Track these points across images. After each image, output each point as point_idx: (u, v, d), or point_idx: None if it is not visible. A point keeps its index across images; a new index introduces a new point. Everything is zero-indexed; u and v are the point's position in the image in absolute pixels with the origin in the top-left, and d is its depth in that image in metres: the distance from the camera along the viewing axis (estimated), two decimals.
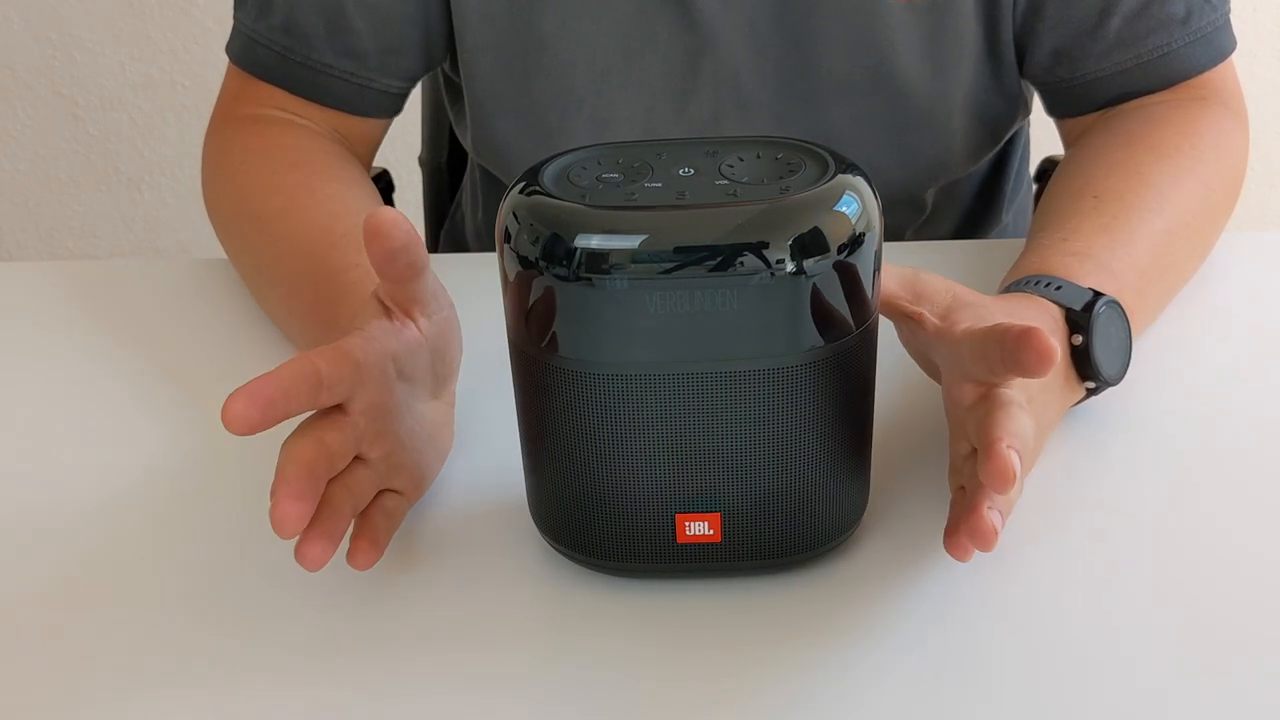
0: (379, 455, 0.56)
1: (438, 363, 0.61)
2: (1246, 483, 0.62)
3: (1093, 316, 0.62)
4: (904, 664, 0.52)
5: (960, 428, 0.57)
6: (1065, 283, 0.64)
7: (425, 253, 0.57)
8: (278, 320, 0.76)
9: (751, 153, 0.53)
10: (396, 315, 0.59)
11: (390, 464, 0.57)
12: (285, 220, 0.76)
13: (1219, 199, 0.78)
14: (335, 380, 0.53)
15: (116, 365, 0.75)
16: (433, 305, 0.60)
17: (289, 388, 0.51)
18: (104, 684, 0.53)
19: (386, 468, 0.57)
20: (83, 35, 1.90)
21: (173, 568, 0.60)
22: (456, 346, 0.63)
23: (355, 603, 0.57)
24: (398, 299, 0.59)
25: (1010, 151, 1.01)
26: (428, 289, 0.59)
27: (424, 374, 0.60)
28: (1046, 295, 0.64)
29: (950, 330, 0.57)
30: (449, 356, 0.62)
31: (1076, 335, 0.62)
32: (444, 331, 0.61)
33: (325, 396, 0.53)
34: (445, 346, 0.61)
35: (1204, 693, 0.51)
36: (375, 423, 0.56)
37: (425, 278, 0.58)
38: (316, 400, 0.53)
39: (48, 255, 2.07)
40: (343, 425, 0.54)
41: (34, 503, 0.64)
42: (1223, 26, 0.84)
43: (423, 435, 0.60)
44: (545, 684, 0.52)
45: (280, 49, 0.85)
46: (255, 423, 0.50)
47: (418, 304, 0.59)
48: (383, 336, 0.57)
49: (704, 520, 0.54)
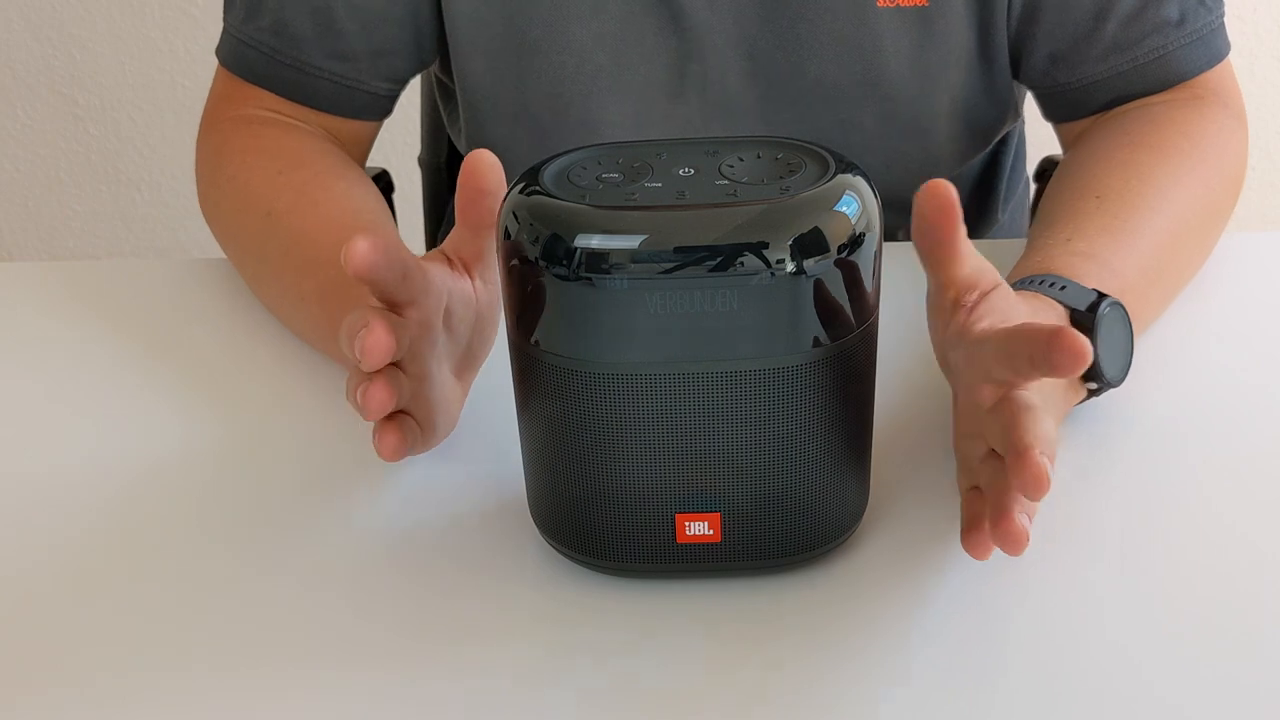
0: (413, 373, 0.58)
1: (476, 337, 0.63)
2: (1249, 483, 0.62)
3: (1097, 318, 0.62)
4: (904, 664, 0.52)
5: (976, 429, 0.56)
6: (1070, 283, 0.64)
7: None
8: (283, 307, 0.76)
9: (751, 153, 0.53)
10: (458, 268, 0.61)
11: (418, 390, 0.59)
12: (297, 215, 0.76)
13: (1220, 198, 0.78)
14: (414, 277, 0.56)
15: (116, 365, 0.75)
16: (490, 271, 0.62)
17: (394, 256, 0.54)
18: (104, 683, 0.53)
19: (415, 390, 0.59)
20: (83, 35, 1.90)
21: (173, 567, 0.60)
22: (492, 331, 0.64)
23: (355, 602, 0.57)
24: (464, 252, 0.61)
25: (1003, 151, 1.01)
26: (492, 250, 0.60)
27: (465, 331, 0.62)
28: (1051, 295, 0.64)
29: (969, 329, 0.55)
30: (486, 334, 0.64)
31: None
32: (491, 304, 0.63)
33: (404, 287, 0.55)
34: (489, 319, 0.63)
35: (1209, 691, 0.51)
36: (419, 340, 0.58)
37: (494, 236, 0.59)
38: (399, 284, 0.55)
39: (48, 255, 2.07)
40: (402, 321, 0.56)
41: (34, 502, 0.64)
42: (1217, 29, 0.84)
43: (439, 397, 0.61)
44: (545, 683, 0.52)
45: (269, 51, 0.85)
46: (372, 263, 0.53)
47: (480, 261, 0.61)
48: (445, 275, 0.60)
49: (704, 520, 0.54)
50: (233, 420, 0.70)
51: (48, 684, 0.54)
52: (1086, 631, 0.54)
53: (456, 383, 0.63)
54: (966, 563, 0.57)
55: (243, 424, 0.69)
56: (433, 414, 0.61)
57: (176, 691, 0.53)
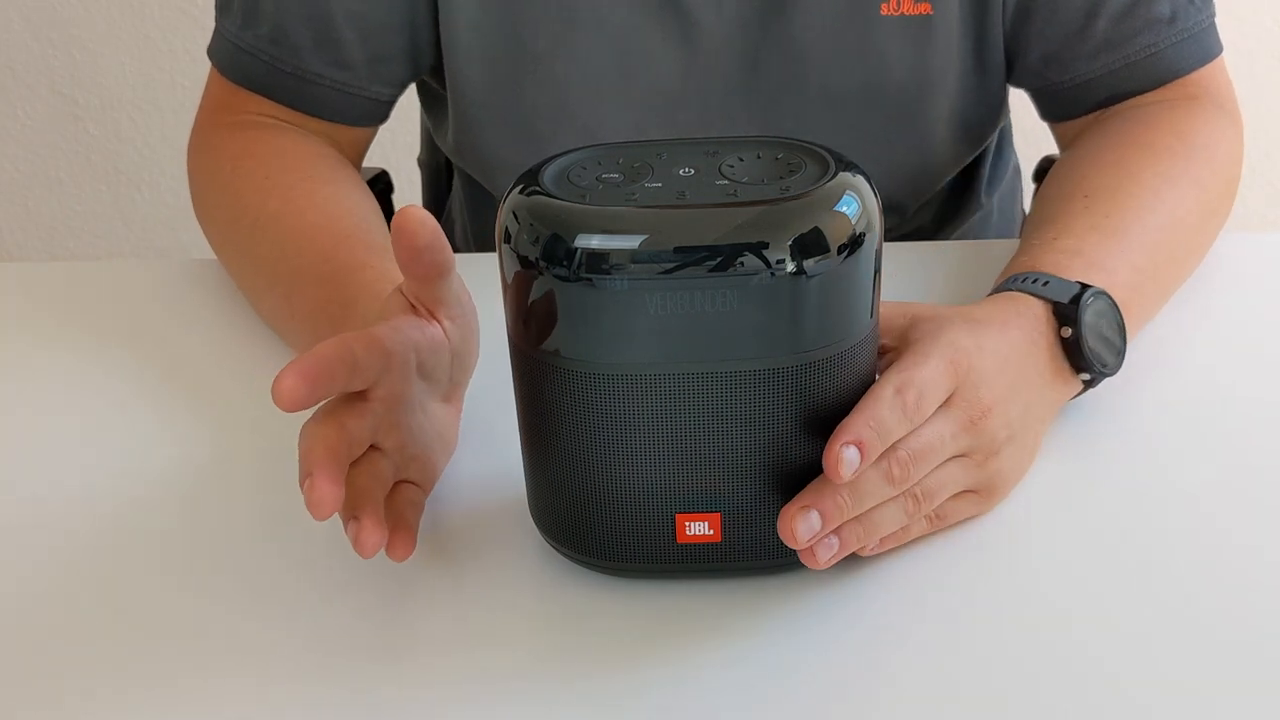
0: (393, 445, 0.57)
1: (456, 367, 0.61)
2: (1247, 483, 0.62)
3: (1080, 308, 0.62)
4: (904, 664, 0.52)
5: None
6: (1053, 278, 0.65)
7: (450, 253, 0.57)
8: (275, 323, 0.76)
9: (752, 153, 0.53)
10: (422, 313, 0.59)
11: (404, 455, 0.57)
12: (283, 223, 0.76)
13: (1214, 196, 0.78)
14: (367, 365, 0.54)
15: (116, 365, 0.75)
16: (456, 308, 0.60)
17: (331, 368, 0.52)
18: (104, 683, 0.53)
19: (401, 458, 0.57)
20: (83, 35, 1.90)
21: (172, 568, 0.60)
22: (474, 353, 0.63)
23: (355, 603, 0.57)
24: (423, 298, 0.59)
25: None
26: (452, 290, 0.59)
27: (442, 375, 0.60)
28: (1033, 291, 0.64)
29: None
30: (467, 362, 0.62)
31: (1065, 328, 0.62)
32: (466, 336, 0.61)
33: (357, 380, 0.53)
34: (466, 351, 0.62)
35: (1210, 688, 0.51)
36: (392, 413, 0.56)
37: (450, 278, 0.58)
38: (350, 382, 0.53)
39: (48, 255, 2.07)
40: (363, 411, 0.54)
41: (34, 502, 0.64)
42: (1209, 28, 0.84)
43: (431, 433, 0.60)
44: (545, 684, 0.52)
45: (268, 59, 0.85)
46: (303, 399, 0.51)
47: (442, 305, 0.59)
48: (409, 330, 0.58)
49: (704, 520, 0.54)
50: (233, 420, 0.70)
51: (48, 684, 0.54)
52: (1086, 631, 0.54)
53: (447, 407, 0.63)
54: (966, 563, 0.57)
55: (243, 423, 0.69)
56: (428, 461, 0.59)
57: (167, 698, 0.53)
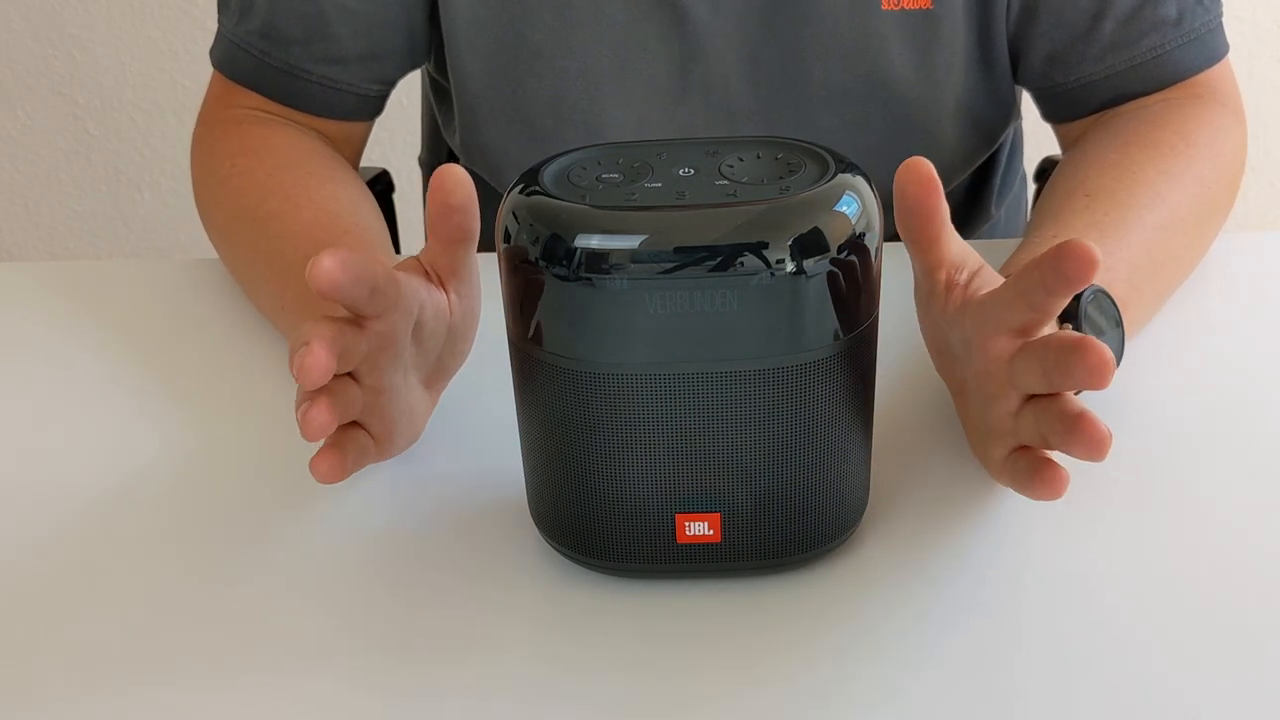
0: (370, 385, 0.57)
1: (447, 347, 0.61)
2: (1248, 482, 0.62)
3: (1080, 305, 0.62)
4: (905, 664, 0.52)
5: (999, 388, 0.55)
6: None
7: (478, 223, 0.57)
8: (272, 318, 0.76)
9: (751, 153, 0.53)
10: (434, 280, 0.60)
11: (375, 402, 0.58)
12: (282, 220, 0.76)
13: (1216, 195, 0.78)
14: (384, 293, 0.54)
15: (116, 365, 0.75)
16: (466, 286, 0.60)
17: (366, 271, 0.52)
18: (102, 684, 0.53)
19: (372, 403, 0.57)
20: (83, 35, 1.90)
21: (171, 567, 0.60)
22: (466, 344, 0.63)
23: (355, 602, 0.57)
24: (439, 266, 0.59)
25: (998, 147, 1.01)
26: (468, 267, 0.59)
27: (434, 346, 0.60)
28: None
29: (970, 300, 0.55)
30: (458, 348, 0.62)
31: (1065, 325, 0.63)
32: (466, 319, 0.61)
33: (372, 303, 0.54)
34: (461, 335, 0.62)
35: (1213, 684, 0.51)
36: (382, 351, 0.56)
37: (470, 251, 0.58)
38: (368, 301, 0.54)
39: (47, 255, 2.07)
40: (358, 334, 0.55)
41: (33, 502, 0.64)
42: (1215, 29, 0.84)
43: (403, 403, 0.60)
44: (545, 684, 0.52)
45: (259, 53, 0.85)
46: (337, 283, 0.51)
47: (455, 277, 0.59)
48: (419, 287, 0.58)
49: (704, 520, 0.54)
50: (233, 419, 0.70)
51: (48, 684, 0.54)
52: (1088, 630, 0.54)
53: (425, 392, 0.63)
54: (966, 562, 0.57)
55: (243, 423, 0.69)
56: (391, 425, 0.60)
57: (175, 692, 0.53)
